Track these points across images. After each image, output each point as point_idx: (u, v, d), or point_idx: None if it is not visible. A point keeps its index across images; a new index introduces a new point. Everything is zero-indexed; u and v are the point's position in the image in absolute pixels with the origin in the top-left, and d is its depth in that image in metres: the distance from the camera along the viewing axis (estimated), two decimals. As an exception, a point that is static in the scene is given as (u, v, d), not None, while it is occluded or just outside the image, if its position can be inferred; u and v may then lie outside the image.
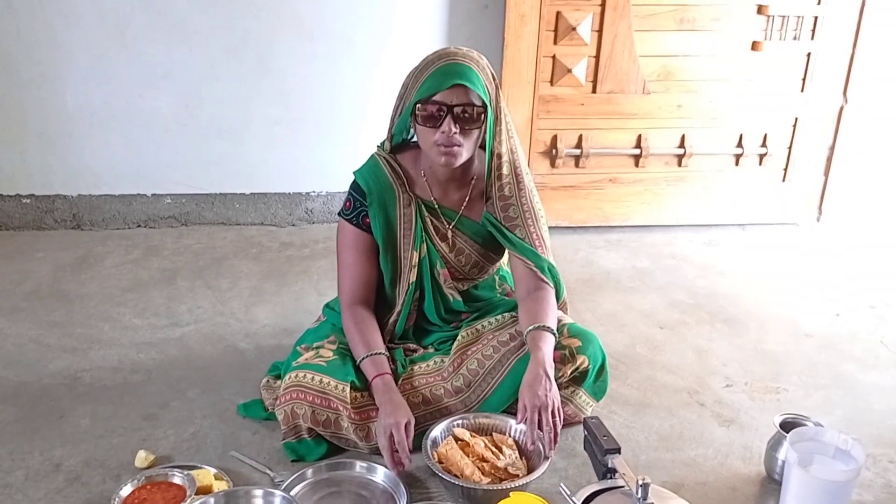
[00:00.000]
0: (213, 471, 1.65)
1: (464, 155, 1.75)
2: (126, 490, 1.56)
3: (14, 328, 2.34)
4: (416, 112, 1.72)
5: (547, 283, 1.87)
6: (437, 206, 1.89)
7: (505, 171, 1.84)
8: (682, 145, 3.21)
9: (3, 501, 1.58)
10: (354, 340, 1.81)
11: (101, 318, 2.42)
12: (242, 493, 1.47)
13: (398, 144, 1.91)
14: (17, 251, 2.92)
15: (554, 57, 3.03)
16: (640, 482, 1.33)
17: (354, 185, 1.89)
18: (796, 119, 3.25)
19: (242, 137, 3.15)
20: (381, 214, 1.85)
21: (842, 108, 3.27)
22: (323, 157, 3.24)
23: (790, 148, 3.30)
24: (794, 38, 3.12)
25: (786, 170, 3.34)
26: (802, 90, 3.22)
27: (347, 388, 1.72)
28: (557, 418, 1.66)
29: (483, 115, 1.73)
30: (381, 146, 1.91)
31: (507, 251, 1.96)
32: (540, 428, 1.64)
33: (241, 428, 1.86)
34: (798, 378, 2.19)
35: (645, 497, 1.34)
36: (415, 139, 1.86)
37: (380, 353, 1.78)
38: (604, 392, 1.93)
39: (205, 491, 1.52)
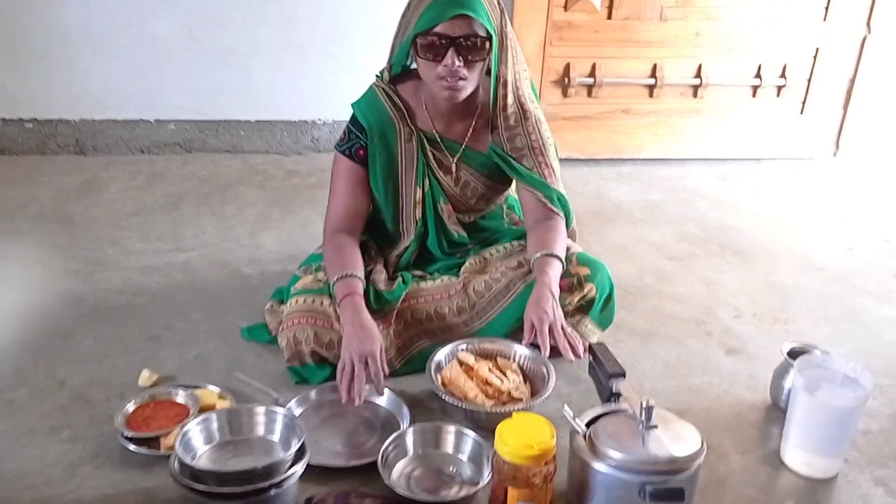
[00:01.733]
0: (216, 390, 1.65)
1: (468, 88, 1.69)
2: (130, 407, 1.57)
3: (18, 251, 2.33)
4: (417, 44, 1.65)
5: (556, 212, 1.84)
6: (439, 139, 1.84)
7: (510, 99, 1.78)
8: (698, 75, 3.14)
9: (8, 418, 1.59)
10: (331, 264, 1.75)
11: (106, 241, 2.41)
12: (245, 411, 1.46)
13: (398, 74, 1.84)
14: (21, 176, 2.91)
15: (569, -19, 2.94)
16: (644, 405, 1.32)
17: (353, 119, 1.83)
18: (817, 49, 3.17)
19: (247, 63, 3.09)
20: (381, 150, 1.81)
21: (864, 39, 3.18)
22: (330, 85, 3.18)
23: (809, 80, 3.23)
24: (819, -36, 3.02)
25: (804, 102, 3.27)
26: (825, 19, 3.13)
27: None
28: (567, 331, 1.65)
29: (488, 46, 1.66)
30: (380, 76, 1.85)
31: (512, 183, 1.92)
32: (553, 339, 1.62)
33: (244, 351, 1.86)
34: (808, 310, 2.17)
35: (649, 419, 1.32)
36: (415, 67, 1.79)
37: (352, 275, 1.70)
38: (610, 321, 1.92)
39: (208, 410, 1.52)
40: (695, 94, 3.18)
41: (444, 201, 1.89)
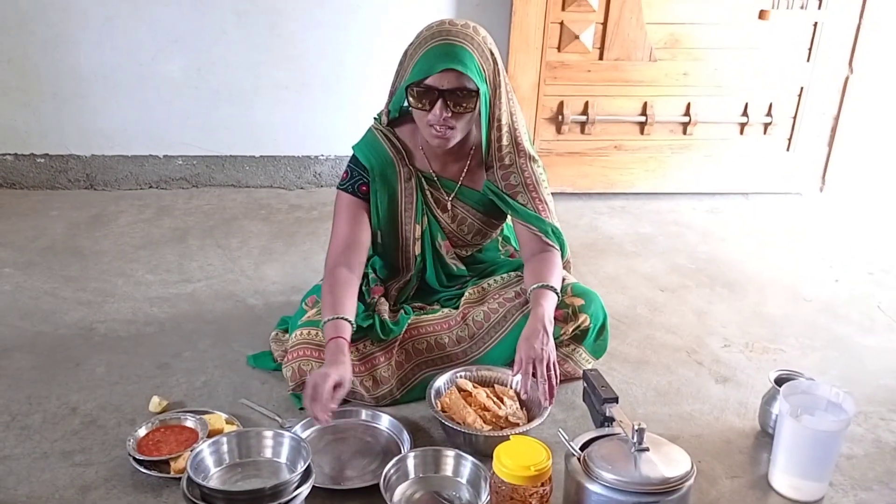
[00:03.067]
0: (224, 416, 1.71)
1: (456, 137, 1.76)
2: (141, 432, 1.62)
3: (30, 282, 2.40)
4: (409, 93, 1.72)
5: (552, 245, 1.89)
6: (436, 178, 1.91)
7: (505, 140, 1.85)
8: (687, 113, 3.24)
9: (22, 442, 1.64)
10: (325, 301, 1.75)
11: (115, 273, 2.48)
12: (253, 434, 1.52)
13: (395, 117, 1.91)
14: (32, 209, 2.98)
15: (562, 23, 3.04)
16: (636, 427, 1.38)
17: (354, 160, 1.89)
18: (802, 88, 3.27)
19: (252, 101, 3.19)
20: (382, 189, 1.87)
21: (847, 79, 3.28)
22: (331, 122, 3.27)
23: (795, 117, 3.33)
24: (802, 7, 3.14)
25: (790, 139, 3.36)
26: (808, 59, 3.23)
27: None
28: (553, 371, 1.69)
29: (476, 98, 1.71)
30: (378, 119, 1.92)
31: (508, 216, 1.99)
32: (535, 377, 1.68)
33: (250, 378, 1.92)
34: (795, 340, 2.24)
35: (640, 442, 1.38)
36: (395, 115, 1.88)
37: (342, 319, 1.70)
38: (603, 351, 1.98)
39: (216, 434, 1.58)
40: (684, 131, 3.28)
41: (441, 238, 1.96)
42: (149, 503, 1.47)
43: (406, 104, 1.79)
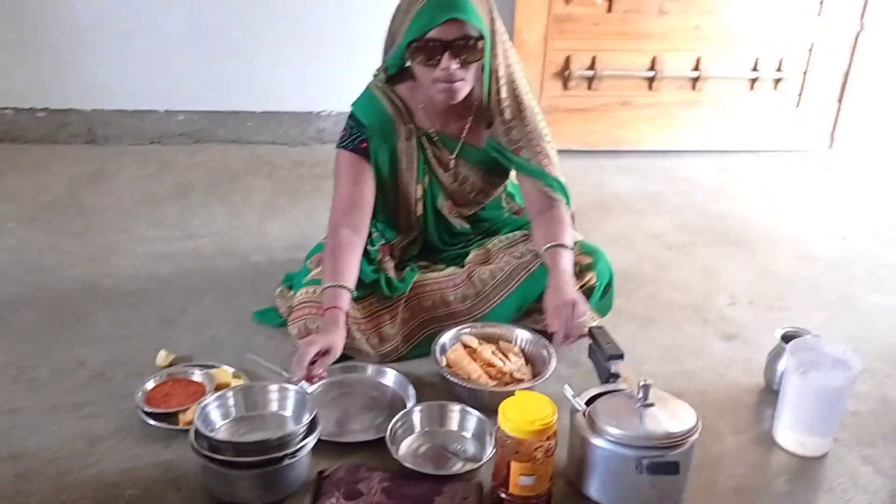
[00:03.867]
0: (230, 370, 1.71)
1: (465, 88, 1.71)
2: (149, 385, 1.63)
3: (33, 237, 2.39)
4: (411, 50, 1.66)
5: (557, 198, 1.86)
6: (437, 137, 1.87)
7: (504, 93, 1.80)
8: (696, 68, 3.19)
9: (30, 395, 1.64)
10: (326, 265, 1.73)
11: (118, 229, 2.47)
12: (259, 388, 1.53)
13: (393, 74, 1.84)
14: (34, 164, 2.96)
15: (570, -25, 2.99)
16: (642, 383, 1.38)
17: (353, 117, 1.84)
18: (812, 44, 3.22)
19: (254, 55, 3.15)
20: (383, 149, 1.83)
21: (858, 34, 3.23)
22: (334, 77, 3.22)
23: (805, 74, 3.28)
24: (815, -40, 3.07)
25: (800, 95, 3.32)
26: (819, 14, 3.18)
27: (353, 301, 1.75)
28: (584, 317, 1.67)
29: (481, 46, 1.67)
30: (377, 76, 1.86)
31: (511, 171, 1.95)
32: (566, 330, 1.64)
33: (256, 333, 1.92)
34: (802, 298, 2.23)
35: (646, 397, 1.38)
36: (393, 72, 1.81)
37: (341, 287, 1.68)
38: (608, 309, 1.97)
39: (223, 388, 1.58)
40: (693, 87, 3.23)
41: (443, 197, 1.93)
42: (158, 454, 1.48)
43: (405, 62, 1.74)
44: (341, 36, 3.16)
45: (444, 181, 1.91)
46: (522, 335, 1.81)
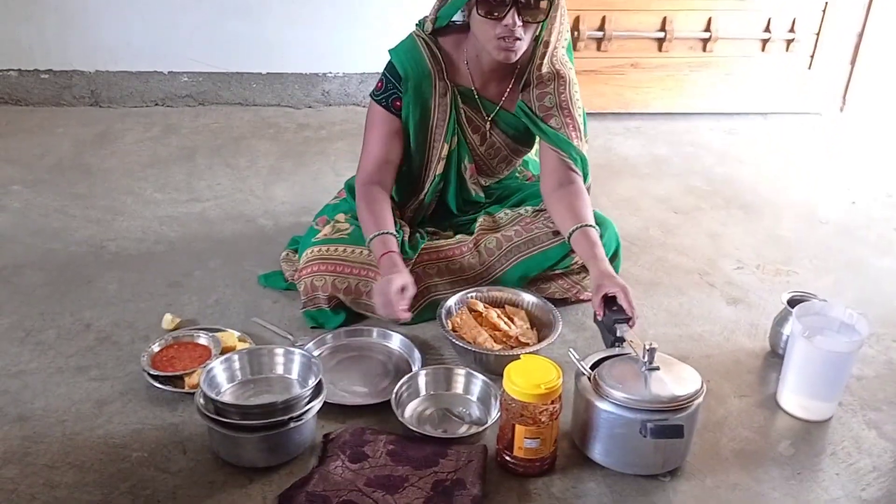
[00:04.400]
0: (236, 333, 1.72)
1: (522, 48, 1.68)
2: (155, 348, 1.63)
3: (39, 199, 2.39)
4: (477, 2, 1.62)
5: (577, 173, 1.82)
6: (477, 96, 1.84)
7: (547, 59, 1.78)
8: (707, 28, 3.14)
9: (38, 357, 1.65)
10: (364, 219, 1.76)
11: (123, 191, 2.46)
12: (266, 352, 1.53)
13: (440, 27, 1.80)
14: (38, 126, 2.95)
15: (579, -68, 2.93)
16: (647, 346, 1.38)
17: (390, 67, 1.80)
18: (826, 3, 3.16)
19: (260, 16, 3.11)
20: (416, 101, 1.79)
21: (874, -6, 3.17)
22: (341, 38, 3.19)
23: (818, 34, 3.22)
24: (831, -83, 3.00)
25: (812, 57, 3.27)
26: (835, -27, 3.11)
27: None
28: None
29: (547, 6, 1.64)
30: (421, 25, 1.81)
31: (536, 142, 1.92)
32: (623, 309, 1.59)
33: (261, 297, 1.92)
34: (810, 262, 2.22)
35: (651, 361, 1.38)
36: (458, 21, 1.77)
37: (388, 233, 1.72)
38: (613, 277, 1.97)
39: (229, 351, 1.59)
40: (704, 48, 3.18)
41: (468, 160, 1.90)
42: (164, 416, 1.49)
43: (462, 14, 1.71)
44: (347, -4, 3.12)
45: (473, 143, 1.88)
46: (528, 299, 1.81)
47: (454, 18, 1.81)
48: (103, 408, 1.51)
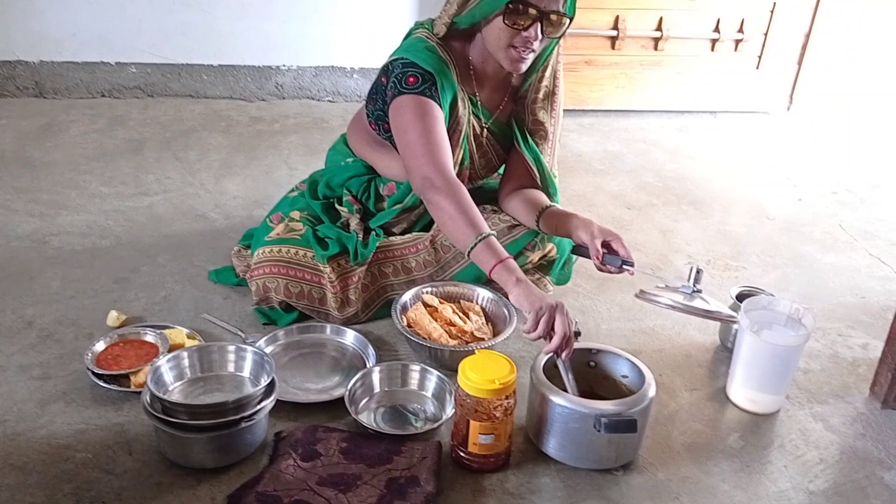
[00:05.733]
0: (185, 330, 1.68)
1: (530, 60, 1.67)
2: (99, 346, 1.59)
3: (-21, 193, 2.31)
4: (504, 10, 1.58)
5: (539, 189, 1.85)
6: (478, 103, 1.81)
7: (548, 72, 1.79)
8: (659, 28, 3.17)
9: (-23, 356, 1.60)
10: (458, 220, 1.56)
11: (68, 185, 2.39)
12: (216, 348, 1.50)
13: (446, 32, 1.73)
14: (-22, 118, 2.85)
15: (534, -71, 2.93)
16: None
17: (414, 66, 1.67)
18: (774, 4, 3.22)
19: (211, 6, 3.05)
20: (445, 99, 1.70)
21: (820, -5, 3.24)
22: (294, 30, 3.15)
23: (766, 34, 3.29)
24: (779, -81, 3.06)
25: (760, 57, 3.34)
26: (783, -26, 3.17)
27: (326, 261, 1.73)
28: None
29: (567, 24, 1.63)
30: (428, 28, 1.75)
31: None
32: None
33: (212, 293, 1.88)
34: (758, 257, 2.26)
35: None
36: (464, 27, 1.70)
37: (492, 235, 1.57)
38: (567, 279, 1.98)
39: (177, 349, 1.55)
40: (655, 47, 3.22)
41: (467, 164, 1.86)
42: (109, 416, 1.45)
43: (485, 19, 1.64)
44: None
45: (472, 149, 1.85)
46: (483, 294, 1.80)
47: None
48: (46, 407, 1.46)
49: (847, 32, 3.37)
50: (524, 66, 1.68)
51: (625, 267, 1.62)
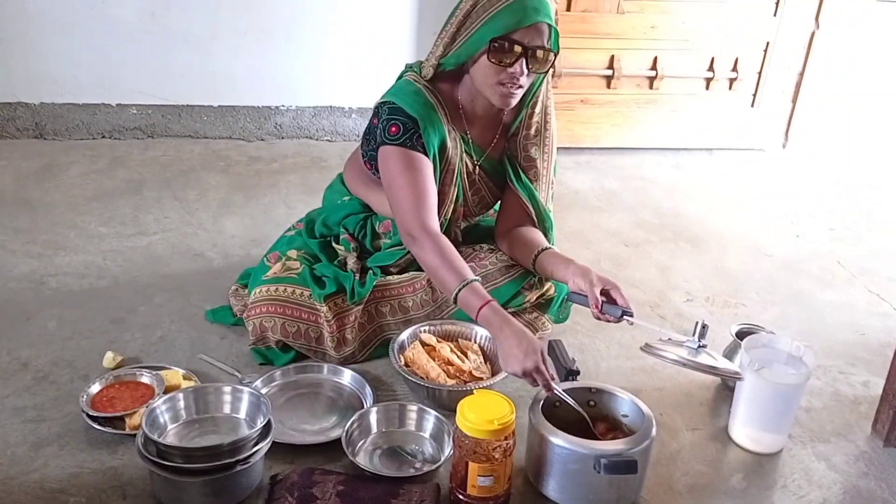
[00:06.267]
0: (181, 371, 1.67)
1: (518, 96, 1.68)
2: (94, 388, 1.57)
3: (-23, 234, 2.31)
4: (488, 48, 1.60)
5: (535, 226, 1.85)
6: (470, 141, 1.82)
7: (538, 108, 1.80)
8: (654, 67, 3.21)
9: (-29, 398, 1.58)
10: (442, 270, 1.59)
11: (67, 225, 2.39)
12: (211, 390, 1.49)
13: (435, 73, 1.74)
14: (-22, 159, 2.87)
15: (529, -28, 2.98)
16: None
17: (396, 111, 1.69)
18: (768, 43, 3.27)
19: (210, 48, 3.08)
20: (433, 143, 1.71)
21: (813, 34, 3.28)
22: (293, 71, 3.19)
23: (760, 73, 3.33)
24: (770, -39, 3.11)
25: (755, 95, 3.37)
26: (775, 14, 3.22)
27: (323, 300, 1.73)
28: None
29: (552, 59, 1.64)
30: (417, 71, 1.75)
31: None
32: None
33: (209, 333, 1.87)
34: (756, 294, 2.26)
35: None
36: (450, 69, 1.72)
37: (476, 280, 1.60)
38: (566, 318, 1.98)
39: (173, 390, 1.54)
40: (651, 86, 3.25)
41: (461, 203, 1.87)
42: (103, 460, 1.43)
43: (470, 58, 1.66)
44: (300, 29, 3.11)
45: (466, 188, 1.85)
46: (481, 332, 1.79)
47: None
48: (39, 450, 1.45)
49: (841, 70, 3.41)
50: (514, 101, 1.69)
51: (625, 317, 1.60)
